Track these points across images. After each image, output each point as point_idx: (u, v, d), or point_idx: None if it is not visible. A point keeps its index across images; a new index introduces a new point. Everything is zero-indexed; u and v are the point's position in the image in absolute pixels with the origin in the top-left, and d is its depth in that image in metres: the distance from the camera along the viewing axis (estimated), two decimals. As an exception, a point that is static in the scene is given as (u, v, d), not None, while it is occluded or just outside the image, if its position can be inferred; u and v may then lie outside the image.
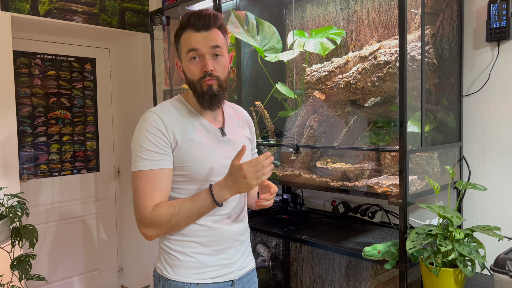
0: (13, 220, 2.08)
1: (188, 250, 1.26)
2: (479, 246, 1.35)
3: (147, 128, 1.23)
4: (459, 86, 1.73)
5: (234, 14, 2.03)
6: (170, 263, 1.28)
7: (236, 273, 1.32)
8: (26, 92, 3.08)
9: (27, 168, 3.10)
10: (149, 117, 1.25)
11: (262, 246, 2.43)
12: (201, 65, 1.25)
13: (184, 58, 1.27)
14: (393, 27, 1.87)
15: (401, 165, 1.42)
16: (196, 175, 1.24)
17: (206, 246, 1.27)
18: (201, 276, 1.26)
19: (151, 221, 1.19)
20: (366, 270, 2.01)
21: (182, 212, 1.20)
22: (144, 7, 3.14)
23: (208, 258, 1.27)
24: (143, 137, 1.22)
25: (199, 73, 1.25)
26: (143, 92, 3.22)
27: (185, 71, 1.28)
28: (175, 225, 1.21)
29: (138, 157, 1.22)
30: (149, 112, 1.27)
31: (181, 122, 1.27)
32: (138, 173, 1.21)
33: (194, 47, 1.23)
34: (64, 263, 3.28)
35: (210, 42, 1.24)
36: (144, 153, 1.21)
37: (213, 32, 1.24)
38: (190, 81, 1.28)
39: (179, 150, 1.23)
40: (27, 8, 2.57)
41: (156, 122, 1.23)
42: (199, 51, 1.23)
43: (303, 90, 1.97)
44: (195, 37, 1.23)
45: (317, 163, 1.77)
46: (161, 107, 1.29)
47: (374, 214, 1.93)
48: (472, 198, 1.75)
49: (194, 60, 1.25)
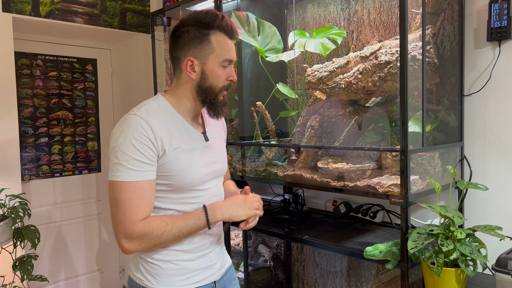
0: (15, 221, 2.08)
1: (171, 258, 1.22)
2: (480, 246, 1.35)
3: (134, 135, 1.11)
4: (460, 85, 1.73)
5: (235, 14, 2.03)
6: (152, 272, 1.22)
7: (217, 273, 1.31)
8: (27, 93, 3.09)
9: (29, 169, 3.10)
10: (136, 123, 1.13)
11: (264, 246, 2.43)
12: (228, 73, 1.22)
13: (213, 62, 1.19)
14: (394, 27, 1.87)
15: (402, 165, 1.42)
16: (182, 185, 1.19)
17: (189, 253, 1.24)
18: (185, 282, 1.23)
19: (139, 236, 1.11)
20: (367, 270, 2.01)
21: (174, 230, 1.15)
22: (145, 8, 3.15)
23: (191, 263, 1.24)
24: (129, 145, 1.11)
25: (224, 81, 1.22)
26: (144, 92, 3.23)
27: (209, 75, 1.20)
28: (163, 242, 1.16)
29: (121, 166, 1.11)
30: (135, 116, 1.15)
31: (168, 127, 1.18)
32: (121, 184, 1.11)
33: (232, 57, 1.21)
34: (66, 264, 3.29)
35: (235, 54, 1.24)
36: (130, 163, 1.11)
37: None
38: (212, 87, 1.21)
39: (165, 159, 1.16)
40: (29, 9, 2.57)
41: (145, 129, 1.12)
42: (233, 61, 1.22)
43: (304, 90, 1.97)
44: (231, 46, 1.20)
45: (318, 163, 1.77)
46: (146, 111, 1.17)
47: (375, 214, 1.92)
48: (474, 197, 1.75)
49: (225, 68, 1.21)
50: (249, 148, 2.17)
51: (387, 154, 1.60)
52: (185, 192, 1.21)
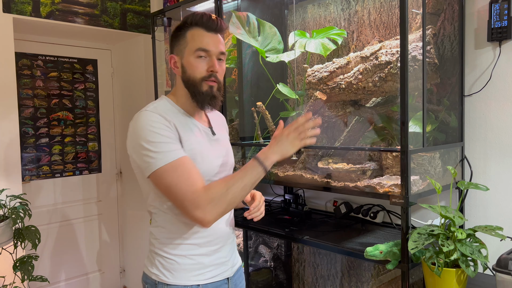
0: (16, 221, 2.09)
1: (187, 253, 1.25)
2: (481, 246, 1.35)
3: (152, 125, 1.16)
4: (460, 86, 1.73)
5: (235, 15, 2.03)
6: (168, 267, 1.25)
7: (230, 270, 1.35)
8: (28, 94, 3.09)
9: (29, 169, 3.11)
10: (149, 116, 1.18)
11: (264, 246, 2.43)
12: (208, 64, 1.24)
13: (188, 54, 1.24)
14: (394, 27, 1.87)
15: (402, 165, 1.42)
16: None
17: (203, 247, 1.27)
18: (200, 277, 1.26)
19: (209, 201, 1.13)
20: (368, 270, 2.01)
21: (237, 183, 1.16)
22: (146, 9, 3.15)
23: (205, 258, 1.27)
24: (151, 134, 1.15)
25: (204, 72, 1.24)
26: (145, 93, 3.23)
27: (187, 67, 1.24)
28: (232, 199, 1.16)
29: (154, 153, 1.14)
30: (146, 112, 1.20)
31: (176, 122, 1.22)
32: (164, 169, 1.13)
33: (205, 47, 1.23)
34: (66, 264, 3.29)
35: (220, 46, 1.25)
36: (159, 147, 1.14)
37: (219, 37, 1.26)
38: (191, 78, 1.24)
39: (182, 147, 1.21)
40: (29, 10, 2.58)
41: (159, 119, 1.17)
42: (210, 52, 1.23)
43: (304, 90, 1.97)
44: (206, 37, 1.23)
45: (318, 163, 1.77)
46: (155, 108, 1.22)
47: (376, 215, 1.92)
48: (474, 198, 1.75)
49: (200, 59, 1.23)
50: (250, 149, 2.17)
51: (387, 155, 1.60)
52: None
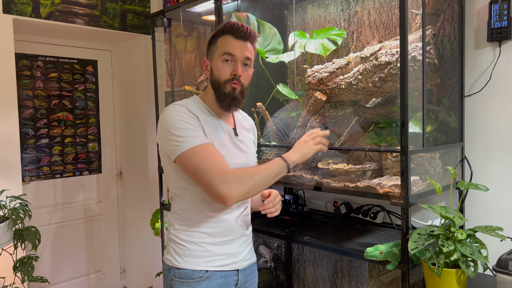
0: (16, 222, 2.09)
1: (197, 240, 1.35)
2: (481, 247, 1.35)
3: (178, 114, 1.29)
4: (460, 86, 1.73)
5: (235, 15, 2.03)
6: (180, 253, 1.35)
7: (241, 263, 1.42)
8: (28, 94, 3.10)
9: (30, 170, 3.11)
10: (176, 108, 1.31)
11: (264, 247, 2.43)
12: (232, 68, 1.35)
13: (216, 58, 1.36)
14: (394, 27, 1.87)
15: (402, 165, 1.42)
16: None
17: (213, 237, 1.35)
18: (209, 264, 1.34)
19: (236, 179, 1.24)
20: (368, 271, 2.01)
21: (262, 171, 1.31)
22: (146, 9, 3.15)
23: (215, 247, 1.36)
24: (177, 121, 1.27)
25: (228, 75, 1.35)
26: (145, 93, 3.23)
27: (214, 70, 1.37)
28: (257, 183, 1.29)
29: (181, 137, 1.26)
30: (174, 105, 1.33)
31: (202, 117, 1.34)
32: (191, 151, 1.25)
33: (231, 51, 1.34)
34: (66, 265, 3.29)
35: (245, 52, 1.36)
36: (186, 133, 1.26)
37: (248, 45, 1.37)
38: (216, 80, 1.36)
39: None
40: (29, 10, 2.58)
41: (184, 111, 1.31)
42: (235, 56, 1.34)
43: (304, 91, 1.97)
44: (233, 43, 1.34)
45: (318, 164, 1.77)
46: (182, 103, 1.35)
47: (376, 215, 1.92)
48: (474, 198, 1.75)
49: (226, 63, 1.35)
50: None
51: (387, 155, 1.60)
52: None
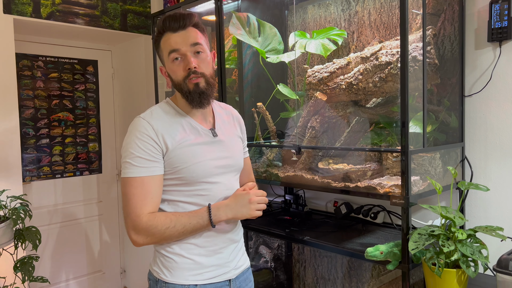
0: (16, 222, 2.09)
1: (185, 252, 1.27)
2: (481, 247, 1.35)
3: (137, 135, 1.22)
4: (461, 86, 1.73)
5: (235, 15, 2.03)
6: (167, 265, 1.28)
7: (232, 272, 1.34)
8: (28, 95, 3.10)
9: (30, 170, 3.11)
10: (139, 124, 1.24)
11: (265, 247, 2.43)
12: (184, 64, 1.25)
13: (166, 61, 1.27)
14: (394, 27, 1.87)
15: (403, 165, 1.42)
16: (190, 177, 1.25)
17: (202, 247, 1.28)
18: (198, 277, 1.27)
19: (145, 230, 1.20)
20: (368, 271, 2.01)
21: (177, 226, 1.21)
22: (146, 9, 3.15)
23: (204, 259, 1.28)
24: (133, 144, 1.22)
25: (183, 73, 1.25)
26: (145, 93, 3.23)
27: (170, 73, 1.28)
28: (167, 238, 1.22)
29: (128, 163, 1.21)
30: (139, 118, 1.26)
31: (171, 125, 1.26)
32: (128, 180, 1.21)
33: (174, 47, 1.24)
34: (67, 265, 3.29)
35: (189, 40, 1.24)
36: (135, 160, 1.21)
37: (190, 31, 1.25)
38: (176, 83, 1.27)
39: (170, 155, 1.23)
40: (30, 10, 2.58)
41: (146, 128, 1.22)
42: (180, 50, 1.24)
43: (305, 91, 1.97)
44: (173, 38, 1.24)
45: (319, 164, 1.77)
46: (150, 113, 1.28)
47: (376, 215, 1.92)
48: (475, 198, 1.75)
49: (176, 61, 1.25)
50: (250, 149, 2.17)
51: (388, 155, 1.60)
52: (195, 184, 1.26)
